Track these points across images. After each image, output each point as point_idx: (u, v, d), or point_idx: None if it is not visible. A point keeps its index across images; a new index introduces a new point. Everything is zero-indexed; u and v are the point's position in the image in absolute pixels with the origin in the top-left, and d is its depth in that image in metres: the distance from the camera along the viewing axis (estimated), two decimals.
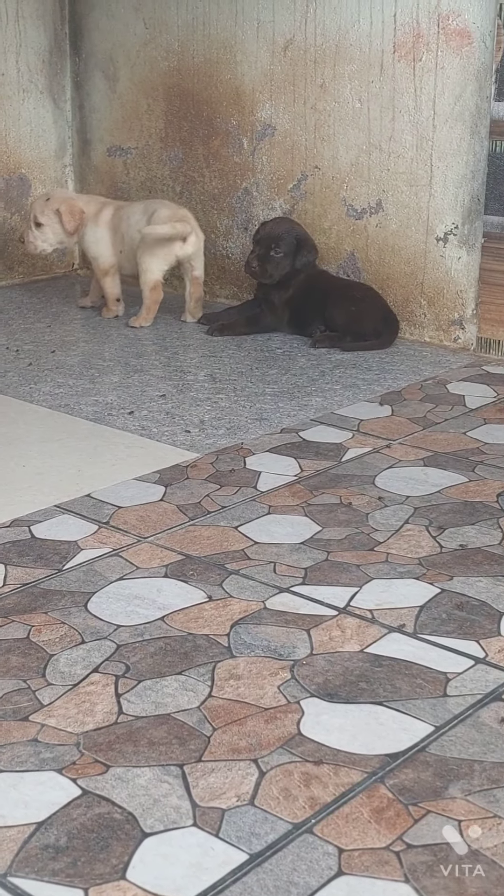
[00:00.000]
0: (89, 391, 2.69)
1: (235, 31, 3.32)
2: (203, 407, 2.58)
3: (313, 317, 3.11)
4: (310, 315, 3.12)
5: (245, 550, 1.87)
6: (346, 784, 1.26)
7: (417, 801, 1.24)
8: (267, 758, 1.31)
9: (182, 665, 1.51)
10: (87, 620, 1.63)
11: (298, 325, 3.15)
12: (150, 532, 1.94)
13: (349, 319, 3.05)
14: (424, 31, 2.93)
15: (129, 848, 1.17)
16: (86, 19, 3.73)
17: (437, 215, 3.03)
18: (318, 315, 3.10)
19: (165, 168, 3.63)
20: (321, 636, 1.59)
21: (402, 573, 1.78)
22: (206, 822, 1.21)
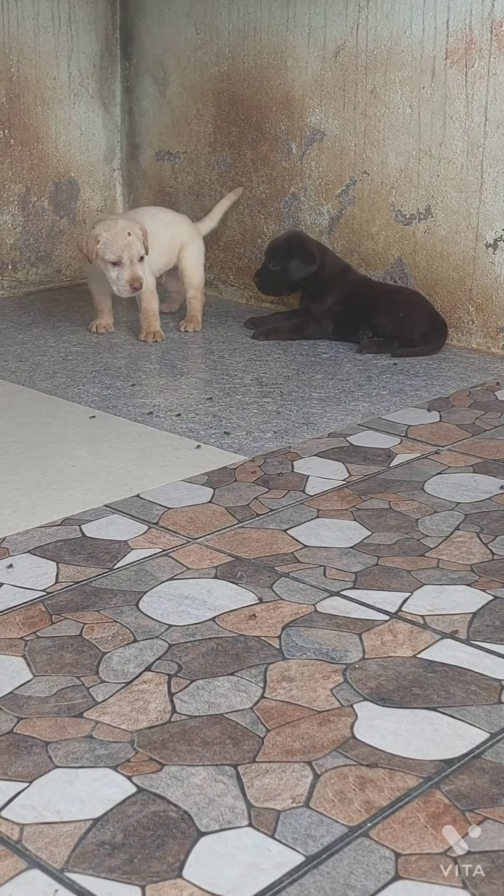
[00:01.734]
0: (137, 393, 2.70)
1: (286, 36, 3.32)
2: (250, 410, 2.58)
3: (359, 324, 3.11)
4: (355, 323, 3.11)
5: (294, 553, 1.87)
6: (401, 789, 1.26)
7: (474, 808, 1.23)
8: (321, 760, 1.31)
9: (234, 666, 1.51)
10: (139, 619, 1.64)
11: (345, 334, 3.14)
12: (199, 533, 1.94)
13: (397, 325, 3.05)
14: (477, 37, 2.93)
15: (186, 846, 1.17)
16: (137, 24, 3.75)
17: (487, 221, 3.01)
18: (365, 322, 3.09)
19: (213, 173, 3.64)
20: (373, 640, 1.59)
21: (454, 579, 1.77)
22: (262, 822, 1.20)
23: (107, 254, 2.94)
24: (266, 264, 3.19)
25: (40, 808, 1.22)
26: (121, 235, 2.94)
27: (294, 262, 3.12)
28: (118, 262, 2.93)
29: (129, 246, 2.94)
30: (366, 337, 3.08)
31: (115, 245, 2.93)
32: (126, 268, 2.93)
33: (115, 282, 2.96)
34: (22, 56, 3.54)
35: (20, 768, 1.29)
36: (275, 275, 3.16)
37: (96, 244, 2.95)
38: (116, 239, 2.94)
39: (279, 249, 3.15)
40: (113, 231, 2.95)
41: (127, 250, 2.93)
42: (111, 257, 2.94)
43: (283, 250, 3.14)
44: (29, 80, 3.58)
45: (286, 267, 3.13)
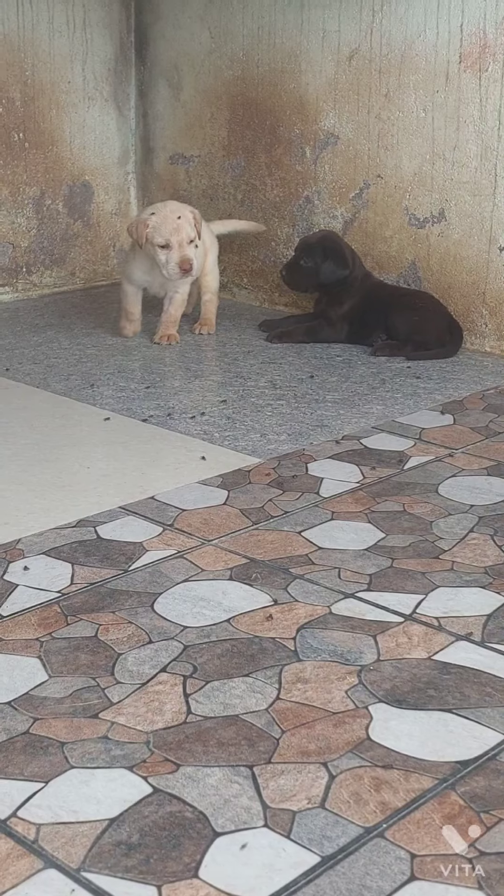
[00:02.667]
0: (151, 395, 2.70)
1: (300, 40, 3.33)
2: (264, 413, 2.59)
3: (374, 328, 3.11)
4: (370, 327, 3.12)
5: (309, 555, 1.87)
6: (416, 790, 1.26)
7: (489, 809, 1.23)
8: (336, 761, 1.31)
9: (249, 667, 1.52)
10: (154, 621, 1.64)
11: (359, 338, 3.14)
12: (214, 535, 1.94)
13: (412, 328, 3.05)
14: (491, 41, 2.93)
15: (202, 847, 1.17)
16: (151, 28, 3.76)
17: (501, 225, 3.01)
18: (380, 326, 3.10)
19: (227, 176, 3.65)
20: (388, 642, 1.59)
21: (469, 581, 1.77)
22: (278, 823, 1.21)
23: (156, 237, 2.93)
24: (297, 259, 3.16)
25: (56, 808, 1.23)
26: (170, 218, 2.94)
27: (328, 265, 3.10)
28: (167, 244, 2.93)
29: (178, 229, 2.93)
30: (380, 340, 3.08)
31: (164, 228, 2.93)
32: (175, 250, 2.93)
33: (165, 265, 2.95)
34: (37, 59, 3.56)
35: (36, 769, 1.29)
36: (304, 271, 3.14)
37: (146, 228, 2.94)
38: (166, 222, 2.94)
39: (314, 248, 3.13)
40: (162, 214, 2.95)
41: (176, 233, 2.93)
42: (160, 240, 2.93)
43: (319, 250, 3.11)
44: (44, 83, 3.59)
45: (319, 267, 3.11)
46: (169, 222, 2.94)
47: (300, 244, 3.20)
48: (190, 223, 2.96)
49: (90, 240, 3.84)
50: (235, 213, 3.62)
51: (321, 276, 3.12)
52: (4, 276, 3.64)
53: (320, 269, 3.11)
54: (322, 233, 3.23)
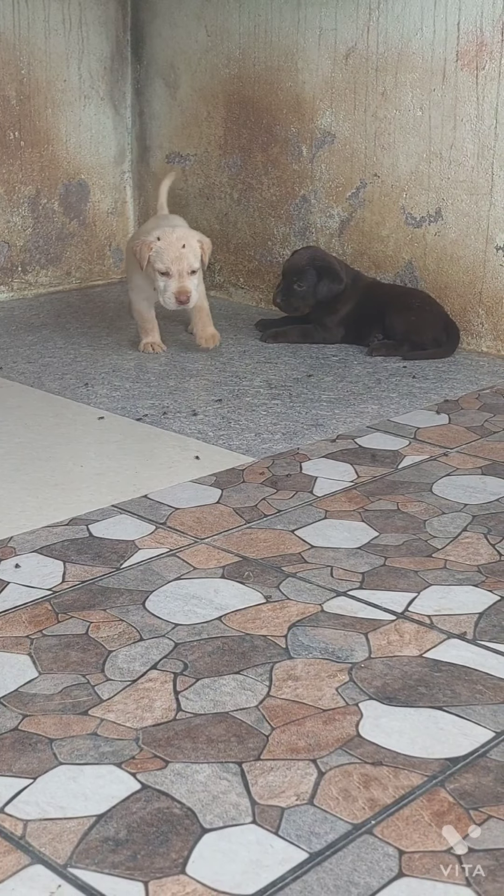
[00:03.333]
0: (146, 394, 2.70)
1: (297, 38, 3.33)
2: (258, 412, 2.58)
3: (370, 328, 3.10)
4: (366, 327, 3.11)
5: (302, 554, 1.87)
6: (405, 787, 1.26)
7: (479, 806, 1.22)
8: (326, 758, 1.31)
9: (240, 665, 1.51)
10: (146, 618, 1.63)
11: (356, 338, 3.14)
12: (206, 533, 1.94)
13: (409, 328, 3.04)
14: (488, 39, 2.93)
15: (189, 843, 1.16)
16: (148, 27, 3.76)
17: (498, 224, 3.01)
18: (376, 326, 3.09)
19: (224, 175, 3.64)
20: (379, 640, 1.58)
21: (461, 580, 1.77)
22: (266, 819, 1.20)
23: (157, 262, 2.85)
24: (290, 284, 3.10)
25: (44, 804, 1.22)
26: (175, 246, 2.85)
27: (324, 284, 3.07)
28: (167, 272, 2.85)
29: (180, 258, 2.84)
30: (376, 339, 3.08)
31: (166, 255, 2.84)
32: (174, 279, 2.85)
33: (162, 292, 2.87)
34: (32, 58, 3.55)
35: (24, 765, 1.29)
36: (300, 295, 3.10)
37: (149, 251, 2.86)
38: (170, 248, 2.84)
39: (305, 270, 3.08)
40: (167, 240, 2.86)
41: (177, 262, 2.84)
42: (161, 267, 2.84)
43: (311, 272, 3.07)
44: (39, 81, 3.59)
45: (315, 288, 3.08)
46: (172, 249, 2.85)
47: (289, 268, 3.12)
48: (195, 253, 2.87)
49: (86, 239, 3.84)
50: (232, 212, 3.62)
51: (318, 296, 3.09)
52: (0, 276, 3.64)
53: (316, 290, 3.08)
54: (308, 252, 3.16)
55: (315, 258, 3.12)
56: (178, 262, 2.84)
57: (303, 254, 3.16)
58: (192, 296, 2.87)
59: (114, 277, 3.94)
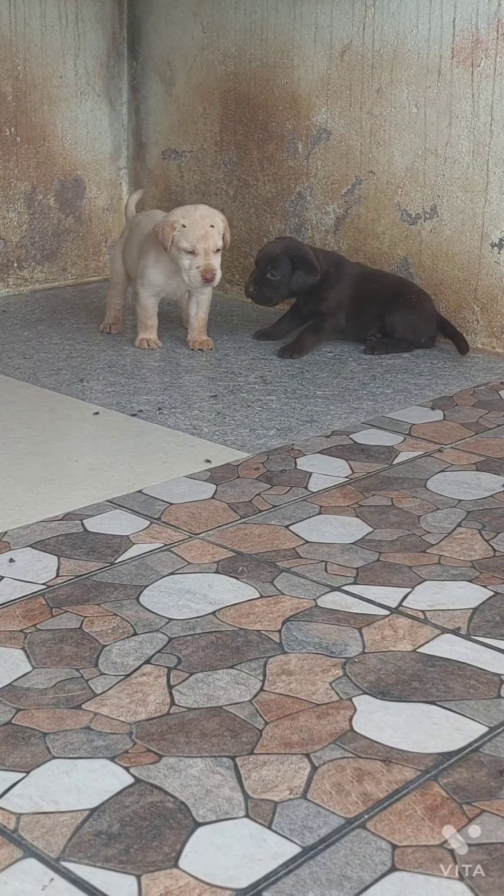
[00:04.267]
0: (141, 390, 2.70)
1: (293, 35, 3.32)
2: (254, 408, 2.58)
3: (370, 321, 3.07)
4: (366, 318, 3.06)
5: (296, 549, 1.87)
6: (399, 781, 1.26)
7: (472, 801, 1.22)
8: (319, 752, 1.31)
9: (233, 659, 1.51)
10: (139, 613, 1.63)
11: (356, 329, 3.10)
12: (201, 529, 1.94)
13: (407, 327, 3.03)
14: (483, 36, 2.93)
15: (182, 837, 1.17)
16: (144, 23, 3.76)
17: (493, 221, 3.01)
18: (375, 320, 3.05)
19: (219, 172, 3.64)
20: (373, 635, 1.58)
21: (455, 575, 1.77)
22: (259, 813, 1.20)
23: (182, 241, 2.84)
24: (263, 274, 3.03)
25: (37, 797, 1.22)
26: (200, 224, 2.85)
27: (299, 275, 3.01)
28: (193, 251, 2.85)
29: (206, 237, 2.85)
30: (374, 337, 3.06)
31: (192, 234, 2.84)
32: (201, 257, 2.85)
33: (188, 271, 2.86)
34: (29, 54, 3.55)
35: (18, 759, 1.29)
36: (273, 285, 3.02)
37: (173, 231, 2.85)
38: (195, 227, 2.85)
39: (279, 259, 3.01)
40: (192, 218, 2.86)
41: (203, 241, 2.84)
42: (186, 245, 2.84)
43: (286, 261, 3.01)
44: (35, 78, 3.59)
45: (289, 280, 3.01)
46: (199, 228, 2.85)
47: (262, 257, 3.06)
48: (219, 232, 2.88)
49: (82, 235, 3.84)
50: (228, 209, 3.61)
51: (293, 286, 3.02)
52: None
53: (291, 280, 3.01)
54: (283, 242, 3.11)
55: (290, 248, 3.05)
56: (204, 241, 2.85)
57: (277, 243, 3.10)
58: (217, 274, 2.88)
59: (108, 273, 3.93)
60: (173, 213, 2.92)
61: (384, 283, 3.12)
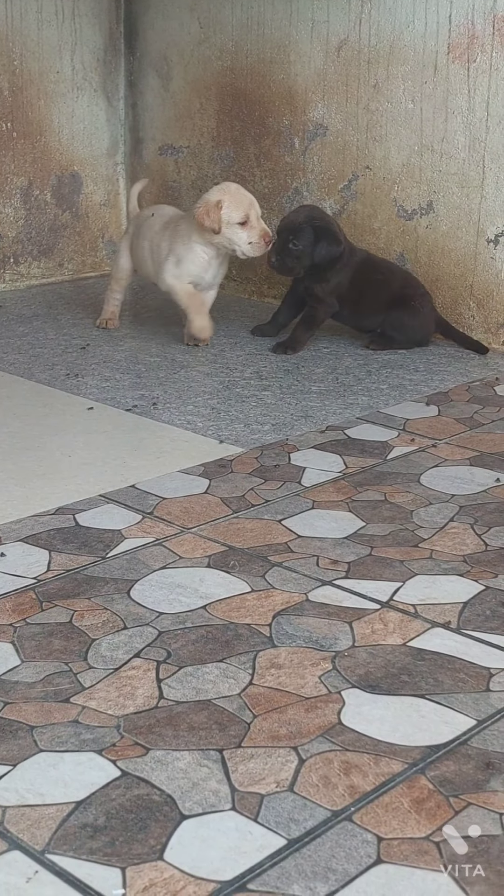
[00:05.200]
0: (136, 385, 2.69)
1: (290, 31, 3.32)
2: (248, 403, 2.58)
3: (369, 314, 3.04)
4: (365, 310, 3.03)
5: (288, 543, 1.86)
6: (386, 774, 1.25)
7: (458, 793, 1.22)
8: (307, 746, 1.30)
9: (223, 653, 1.51)
10: (130, 607, 1.63)
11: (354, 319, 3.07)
12: (193, 523, 1.94)
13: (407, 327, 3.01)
14: (479, 32, 2.92)
15: (168, 829, 1.16)
16: (141, 19, 3.75)
17: (489, 217, 3.01)
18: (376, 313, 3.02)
19: (216, 167, 3.64)
20: (363, 629, 1.58)
21: (447, 570, 1.77)
22: (245, 806, 1.20)
23: (233, 215, 2.83)
24: (285, 243, 2.93)
25: (23, 790, 1.22)
26: (242, 194, 2.87)
27: (322, 246, 2.92)
28: (245, 220, 2.84)
29: (252, 203, 2.87)
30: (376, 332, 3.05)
31: (240, 205, 2.84)
32: (254, 224, 2.85)
33: (245, 242, 2.84)
34: (25, 49, 3.55)
35: (4, 752, 1.29)
36: (295, 254, 2.94)
37: (220, 210, 2.83)
38: (240, 198, 2.86)
39: (302, 228, 2.93)
40: (229, 193, 2.86)
41: (252, 207, 2.86)
42: (239, 217, 2.83)
43: (308, 230, 2.92)
44: (32, 73, 3.58)
45: (313, 249, 2.92)
46: (243, 197, 2.86)
47: (284, 226, 2.98)
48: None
49: (79, 231, 3.83)
50: None
51: (316, 258, 2.93)
52: None
53: (314, 250, 2.92)
54: (306, 210, 3.03)
55: (313, 217, 2.97)
56: (253, 207, 2.86)
57: (300, 211, 3.01)
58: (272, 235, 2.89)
59: (106, 269, 3.93)
60: (210, 196, 2.87)
61: (390, 278, 3.05)
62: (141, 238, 3.08)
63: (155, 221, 3.05)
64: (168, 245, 2.97)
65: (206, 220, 2.84)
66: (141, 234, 3.08)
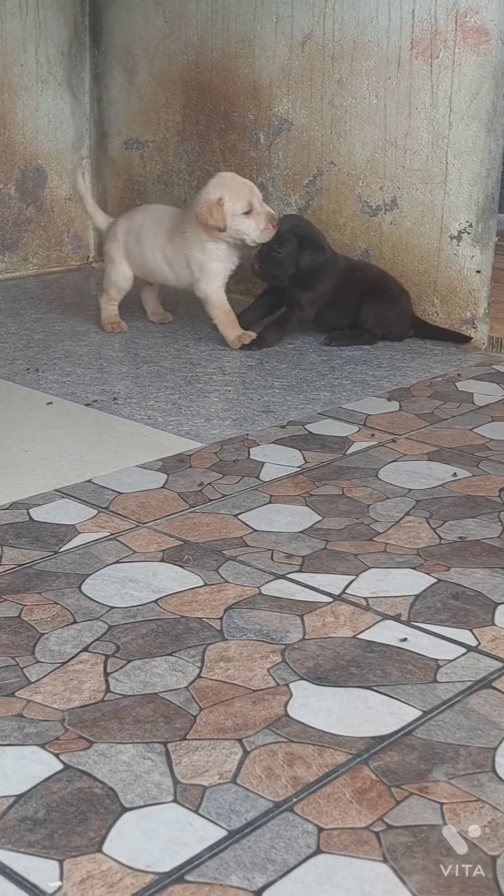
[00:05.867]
0: (97, 380, 2.68)
1: (254, 25, 3.31)
2: (211, 398, 2.57)
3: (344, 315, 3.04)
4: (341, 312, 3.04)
5: (244, 538, 1.86)
6: (329, 765, 1.25)
7: (400, 784, 1.22)
8: (252, 737, 1.30)
9: (173, 646, 1.51)
10: (81, 601, 1.63)
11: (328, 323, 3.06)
12: (149, 518, 1.93)
13: (381, 321, 3.01)
14: (442, 28, 2.92)
15: (108, 822, 1.16)
16: (106, 12, 3.74)
17: (452, 213, 3.01)
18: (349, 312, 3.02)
19: (182, 162, 3.63)
20: (314, 622, 1.58)
21: (400, 563, 1.77)
22: (187, 798, 1.20)
23: (237, 206, 2.82)
24: (269, 251, 2.94)
25: None
26: (240, 182, 2.87)
27: (307, 254, 2.93)
28: (249, 208, 2.83)
29: (253, 189, 2.86)
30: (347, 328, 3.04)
31: (241, 193, 2.84)
32: (258, 210, 2.84)
33: (253, 230, 2.84)
34: None
35: None
36: (279, 261, 2.94)
37: (222, 206, 2.82)
38: (239, 187, 2.85)
39: (284, 236, 2.93)
40: (228, 183, 2.86)
41: (253, 193, 2.85)
42: (242, 207, 2.82)
43: (292, 238, 2.93)
44: None
45: (297, 256, 2.93)
46: (242, 185, 2.86)
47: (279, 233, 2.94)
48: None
49: (43, 225, 3.81)
50: (190, 199, 3.60)
51: (300, 265, 2.94)
52: None
53: (298, 259, 2.94)
54: (290, 219, 3.05)
55: (297, 226, 2.99)
56: (254, 193, 2.86)
57: (284, 221, 3.01)
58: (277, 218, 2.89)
59: (72, 264, 3.92)
60: (209, 194, 2.85)
61: (367, 274, 3.06)
62: (144, 246, 3.00)
63: (156, 229, 2.99)
64: (185, 254, 2.93)
65: (210, 220, 2.83)
66: (143, 241, 3.00)
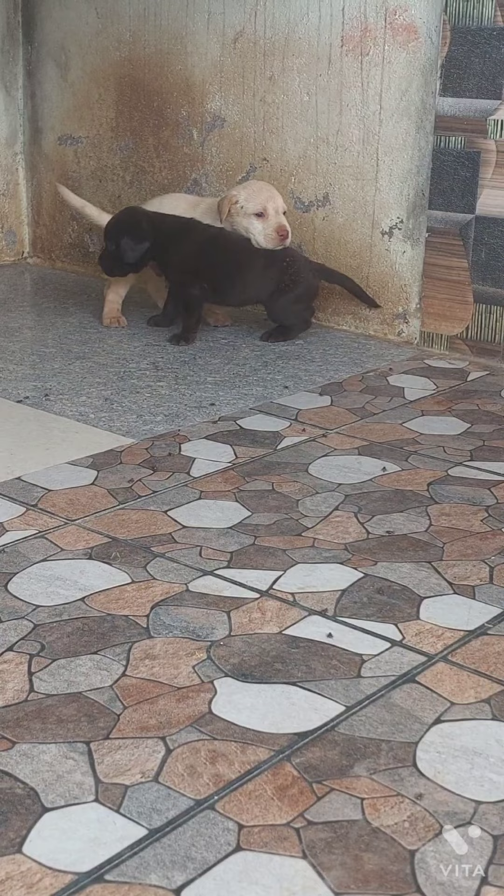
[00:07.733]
0: (29, 376, 2.67)
1: (186, 22, 3.31)
2: (142, 394, 2.57)
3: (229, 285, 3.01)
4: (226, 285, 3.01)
5: (172, 534, 1.86)
6: (251, 762, 1.26)
7: (322, 779, 1.23)
8: (175, 735, 1.30)
9: (98, 645, 1.50)
10: (6, 600, 1.61)
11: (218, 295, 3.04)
12: (78, 515, 1.92)
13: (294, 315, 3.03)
14: (372, 25, 2.94)
15: (28, 822, 1.15)
16: (38, 8, 3.71)
17: (383, 209, 3.03)
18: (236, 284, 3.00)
19: (116, 158, 3.61)
20: (241, 618, 1.58)
21: (328, 558, 1.78)
22: (108, 797, 1.20)
23: (248, 206, 2.96)
24: (106, 246, 3.04)
25: None
26: (263, 188, 3.01)
27: (126, 242, 2.97)
28: (262, 213, 2.95)
29: (273, 197, 2.98)
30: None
31: (258, 197, 2.97)
32: (271, 217, 2.96)
33: (260, 233, 2.96)
34: None
35: None
36: (113, 255, 3.02)
37: (231, 203, 2.97)
38: (259, 191, 2.99)
39: (110, 230, 3.02)
40: (251, 188, 3.01)
41: (271, 201, 2.97)
42: (255, 208, 2.95)
43: (115, 231, 3.01)
44: None
45: (121, 249, 2.99)
46: (263, 190, 2.99)
47: (104, 229, 3.08)
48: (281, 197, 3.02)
49: None
50: (124, 195, 3.59)
51: (123, 255, 2.99)
52: None
53: (123, 249, 2.98)
54: (121, 212, 3.11)
55: (120, 219, 3.04)
56: (272, 201, 2.98)
57: (116, 215, 3.09)
58: (290, 233, 2.98)
59: (6, 259, 3.88)
60: (231, 190, 3.04)
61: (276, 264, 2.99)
62: None
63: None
64: None
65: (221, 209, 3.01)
66: None
